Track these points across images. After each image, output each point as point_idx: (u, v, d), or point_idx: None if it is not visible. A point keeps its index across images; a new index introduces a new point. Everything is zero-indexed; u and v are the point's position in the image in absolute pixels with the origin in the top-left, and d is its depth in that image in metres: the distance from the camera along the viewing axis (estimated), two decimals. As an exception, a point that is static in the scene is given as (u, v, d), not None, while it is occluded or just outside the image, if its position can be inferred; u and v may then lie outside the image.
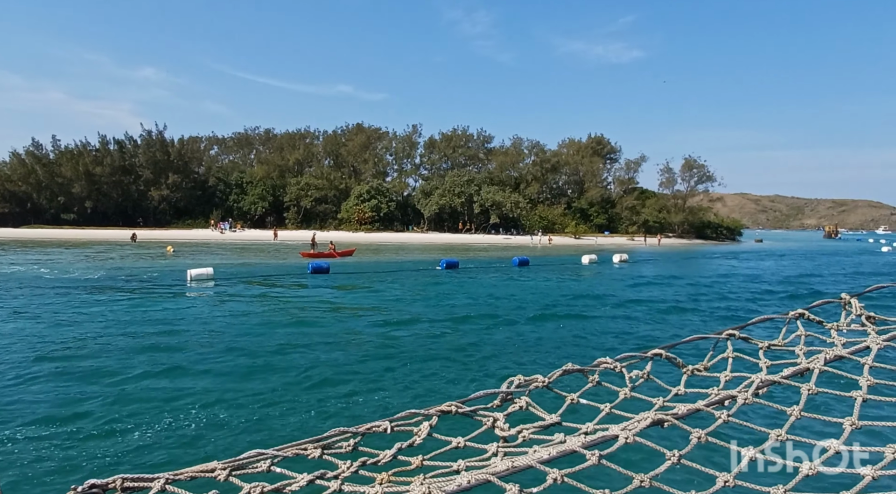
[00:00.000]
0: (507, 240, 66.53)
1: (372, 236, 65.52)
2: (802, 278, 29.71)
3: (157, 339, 11.50)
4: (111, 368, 9.26)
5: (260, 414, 7.31)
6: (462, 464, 1.20)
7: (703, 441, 1.23)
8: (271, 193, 74.03)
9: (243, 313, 15.04)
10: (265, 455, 1.15)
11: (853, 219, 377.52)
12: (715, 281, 26.71)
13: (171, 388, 8.29)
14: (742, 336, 1.71)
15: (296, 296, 18.10)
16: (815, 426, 1.59)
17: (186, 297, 17.64)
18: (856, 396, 1.35)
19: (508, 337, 12.49)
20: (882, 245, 73.43)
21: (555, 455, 1.17)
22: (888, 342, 1.54)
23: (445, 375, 9.34)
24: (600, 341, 12.49)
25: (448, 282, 23.32)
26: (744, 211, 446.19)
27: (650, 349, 1.64)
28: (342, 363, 9.92)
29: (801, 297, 21.63)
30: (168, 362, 9.69)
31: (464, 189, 70.37)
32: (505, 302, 17.78)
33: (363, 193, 71.68)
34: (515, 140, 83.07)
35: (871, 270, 38.77)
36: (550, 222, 75.06)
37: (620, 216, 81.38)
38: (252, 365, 9.63)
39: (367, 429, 1.27)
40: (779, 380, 1.45)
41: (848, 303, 1.80)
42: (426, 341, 11.88)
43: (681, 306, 18.06)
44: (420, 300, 17.81)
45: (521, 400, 1.46)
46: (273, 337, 11.85)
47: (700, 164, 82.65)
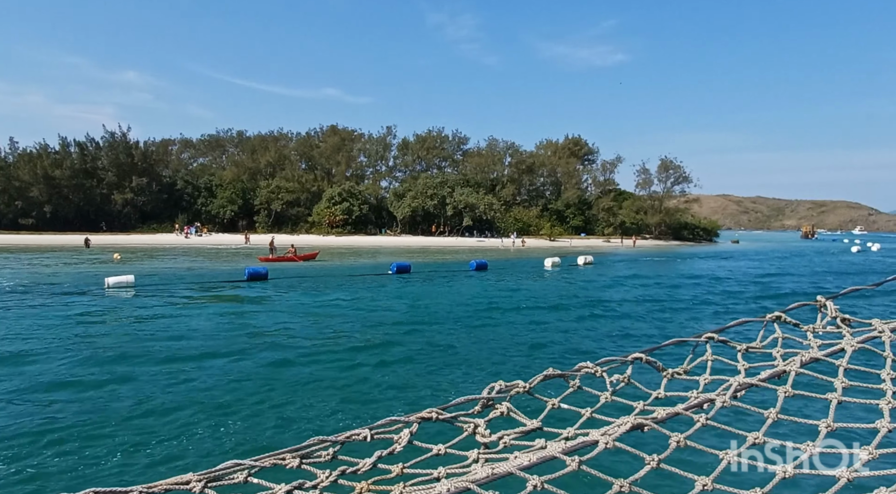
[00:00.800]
0: (481, 243, 65.55)
1: (342, 240, 64.16)
2: (769, 278, 29.06)
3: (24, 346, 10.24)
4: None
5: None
6: (443, 471, 1.20)
7: (683, 444, 1.24)
8: (241, 196, 72.28)
9: (140, 320, 13.79)
10: (242, 466, 1.14)
11: (832, 219, 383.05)
12: (679, 283, 25.94)
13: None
14: (721, 339, 1.72)
15: (211, 306, 16.84)
16: (792, 429, 1.47)
17: (92, 305, 16.30)
18: (831, 398, 1.37)
19: (430, 347, 11.42)
20: (854, 245, 73.65)
21: (535, 462, 1.17)
22: (862, 344, 1.57)
23: (343, 399, 8.22)
24: (535, 351, 11.53)
25: (394, 287, 22.20)
26: (726, 212, 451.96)
27: (631, 353, 1.64)
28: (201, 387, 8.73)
29: (764, 298, 20.90)
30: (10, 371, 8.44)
31: (436, 191, 69.26)
32: (445, 308, 16.75)
33: (334, 195, 70.24)
34: (491, 141, 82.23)
35: (839, 269, 38.42)
36: (526, 225, 74.20)
37: (597, 218, 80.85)
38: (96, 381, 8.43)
39: (346, 438, 1.26)
40: (756, 383, 1.46)
41: (823, 305, 1.83)
42: (334, 358, 10.74)
43: (632, 310, 17.19)
44: (350, 308, 16.66)
45: (503, 406, 1.45)
46: (152, 352, 10.64)
47: (676, 165, 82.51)
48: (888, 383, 1.41)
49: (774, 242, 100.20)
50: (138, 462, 5.95)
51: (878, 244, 77.64)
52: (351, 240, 64.16)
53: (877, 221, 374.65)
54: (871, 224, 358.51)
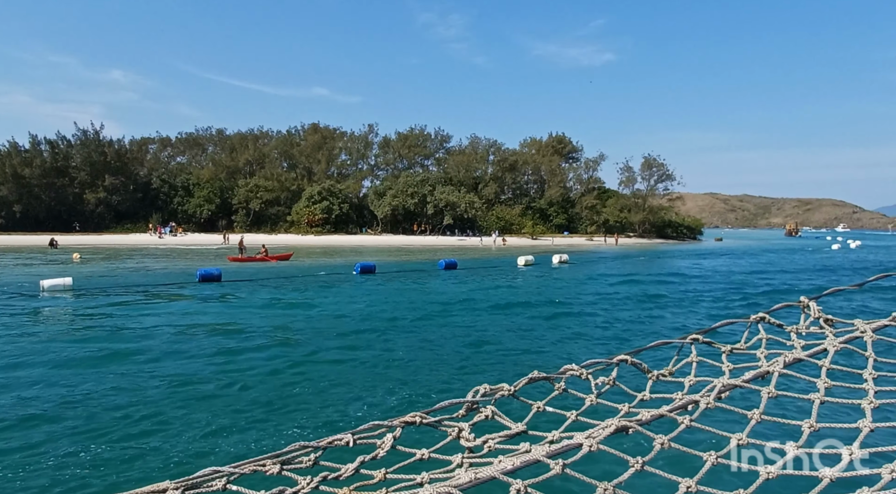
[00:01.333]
0: (462, 241, 64.83)
1: (321, 239, 63.16)
2: (745, 276, 28.51)
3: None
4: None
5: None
6: (426, 477, 1.19)
7: (667, 446, 1.23)
8: (219, 195, 71.02)
9: (59, 323, 12.89)
10: (221, 473, 1.12)
11: (818, 217, 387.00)
12: (653, 281, 25.37)
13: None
14: (706, 341, 1.74)
15: (149, 308, 15.93)
16: (776, 429, 1.39)
17: (16, 309, 15.34)
18: (813, 398, 1.38)
19: (371, 353, 10.64)
20: (835, 243, 73.82)
21: (519, 466, 1.16)
22: (844, 345, 1.59)
23: (263, 414, 7.40)
24: (483, 356, 10.78)
25: (353, 288, 21.39)
26: (713, 210, 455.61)
27: (616, 356, 1.65)
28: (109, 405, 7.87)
29: (737, 297, 20.35)
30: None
31: (417, 190, 68.42)
32: (403, 310, 16.04)
33: (314, 194, 69.20)
34: (473, 139, 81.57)
35: (817, 266, 38.15)
36: (508, 223, 73.59)
37: (580, 216, 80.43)
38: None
39: (328, 443, 1.26)
40: (740, 384, 1.48)
41: (807, 306, 1.85)
42: (260, 363, 9.92)
43: (599, 310, 16.55)
44: (299, 310, 15.85)
45: (487, 409, 1.45)
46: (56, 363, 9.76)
47: (660, 162, 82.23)
48: (870, 382, 1.41)
49: (758, 239, 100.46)
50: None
51: (858, 242, 77.92)
52: (330, 239, 63.17)
53: (861, 218, 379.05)
54: (855, 222, 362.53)
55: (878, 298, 19.28)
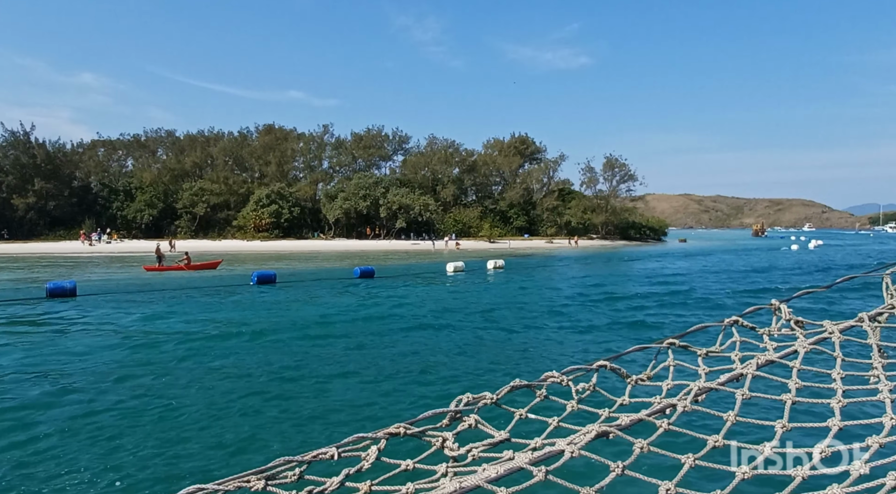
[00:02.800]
0: (415, 245, 62.55)
1: (267, 245, 60.25)
2: (685, 278, 26.61)
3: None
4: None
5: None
6: (411, 487, 1.20)
7: (646, 450, 1.26)
8: (162, 199, 67.59)
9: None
10: (205, 490, 1.12)
11: (788, 217, 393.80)
12: (590, 285, 23.36)
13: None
14: (682, 345, 1.76)
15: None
16: (750, 430, 1.46)
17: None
18: (785, 399, 1.41)
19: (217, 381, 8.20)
20: (794, 243, 73.31)
21: (503, 473, 1.19)
22: (814, 346, 1.64)
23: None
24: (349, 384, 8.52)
25: (238, 302, 18.85)
26: (688, 211, 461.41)
27: (595, 362, 1.67)
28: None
29: (669, 302, 18.42)
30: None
31: (369, 192, 65.90)
32: (285, 326, 13.87)
33: (262, 198, 66.23)
34: (430, 139, 79.31)
35: (770, 265, 36.77)
36: (466, 226, 71.52)
37: (542, 218, 78.74)
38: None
39: (313, 457, 1.25)
40: (715, 387, 1.51)
41: (778, 309, 1.89)
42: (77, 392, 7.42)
43: (513, 324, 14.43)
44: (154, 331, 13.32)
45: (471, 418, 1.46)
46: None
47: (622, 163, 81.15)
48: (838, 382, 1.45)
49: (723, 240, 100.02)
50: None
51: (819, 241, 77.68)
52: (276, 245, 60.30)
53: (829, 218, 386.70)
54: (824, 221, 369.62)
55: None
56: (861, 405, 1.42)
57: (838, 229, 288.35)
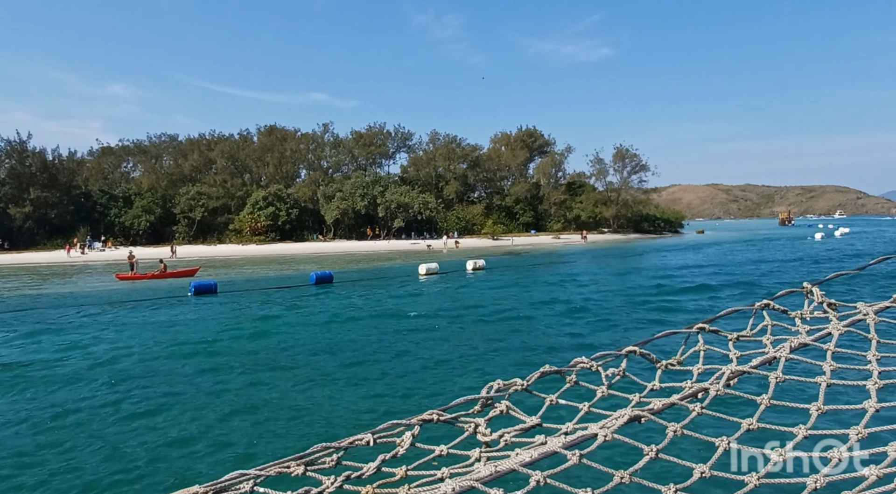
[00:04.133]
0: (415, 245, 60.33)
1: (262, 249, 58.76)
2: (669, 276, 23.83)
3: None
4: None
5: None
6: (446, 472, 1.21)
7: (679, 434, 1.25)
8: (160, 205, 66.78)
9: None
10: (247, 476, 1.14)
11: (821, 204, 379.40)
12: (566, 292, 20.87)
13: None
14: (712, 329, 1.74)
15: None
16: (785, 413, 1.37)
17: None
18: (820, 381, 1.40)
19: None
20: (823, 230, 68.70)
21: (536, 458, 1.19)
22: (848, 328, 1.60)
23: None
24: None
25: (158, 319, 16.94)
26: (715, 201, 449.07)
27: (625, 347, 1.66)
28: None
29: (650, 309, 15.95)
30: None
31: (367, 191, 63.89)
32: (189, 350, 12.02)
33: (259, 200, 64.80)
34: (432, 135, 76.88)
35: (788, 257, 33.47)
36: (470, 223, 69.01)
37: (549, 213, 75.66)
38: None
39: (349, 443, 1.27)
40: (748, 370, 1.49)
41: (810, 292, 1.85)
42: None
43: (467, 341, 12.29)
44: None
45: (502, 404, 1.45)
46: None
47: (633, 153, 77.55)
48: (874, 364, 1.44)
49: (743, 230, 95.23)
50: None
51: (845, 229, 72.90)
52: (272, 248, 58.77)
53: (865, 204, 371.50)
54: (859, 207, 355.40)
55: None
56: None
57: (874, 215, 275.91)
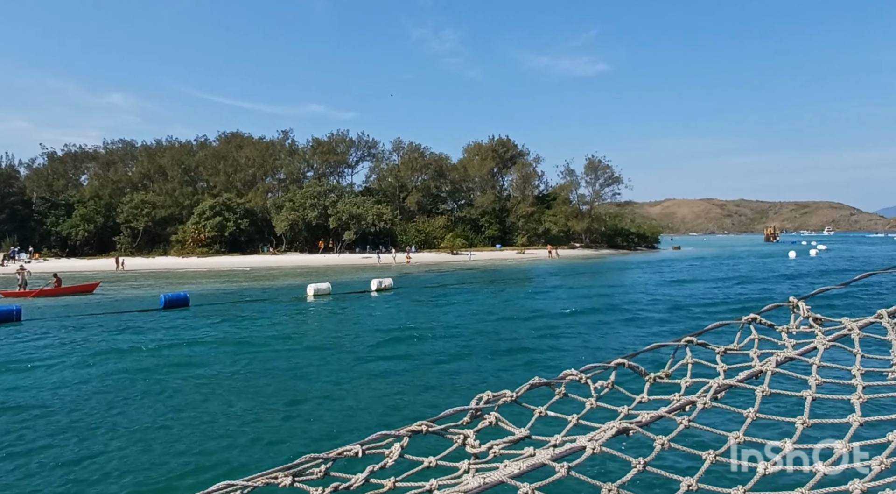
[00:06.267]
0: (366, 259, 56.71)
1: (204, 261, 55.03)
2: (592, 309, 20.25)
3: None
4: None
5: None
6: (434, 483, 1.21)
7: (667, 447, 1.26)
8: (103, 213, 63.14)
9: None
10: (234, 487, 1.13)
11: (815, 220, 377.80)
12: (473, 318, 17.37)
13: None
14: (700, 343, 1.74)
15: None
16: (771, 427, 1.50)
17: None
18: (806, 395, 1.41)
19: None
20: (799, 248, 65.34)
21: (525, 469, 1.19)
22: (833, 342, 1.62)
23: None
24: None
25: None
26: (709, 216, 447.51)
27: (613, 360, 1.66)
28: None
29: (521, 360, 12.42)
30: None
31: (318, 201, 60.35)
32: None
33: (206, 209, 61.18)
34: (396, 144, 73.58)
35: (731, 275, 29.95)
36: (430, 236, 65.47)
37: (517, 226, 72.16)
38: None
39: (338, 454, 1.26)
40: (735, 384, 1.50)
41: (796, 306, 1.88)
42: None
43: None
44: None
45: (491, 416, 1.46)
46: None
47: (605, 164, 74.28)
48: (858, 378, 1.44)
49: (725, 246, 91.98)
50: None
51: (823, 246, 69.73)
52: (213, 261, 55.03)
53: (858, 220, 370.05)
54: (852, 224, 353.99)
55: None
56: (882, 402, 1.39)
57: (866, 231, 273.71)
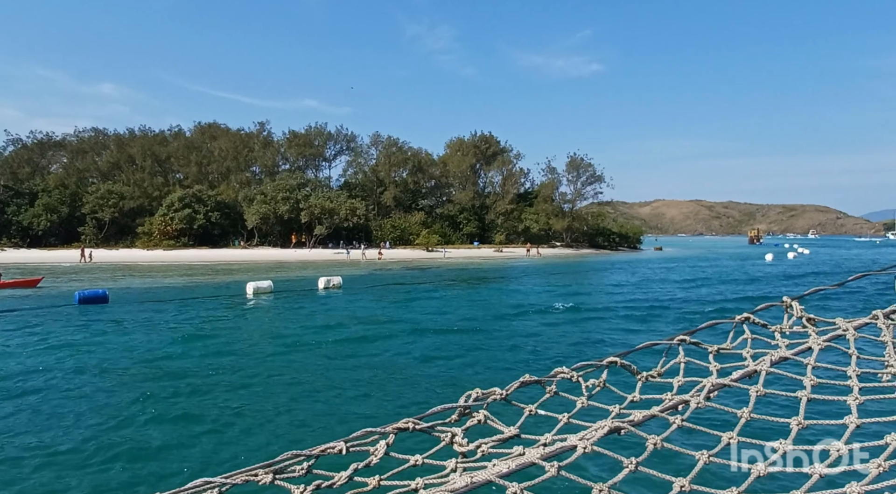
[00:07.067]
0: (337, 255, 55.29)
1: (169, 255, 53.37)
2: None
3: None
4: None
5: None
6: (420, 482, 1.18)
7: (659, 446, 1.25)
8: (68, 203, 61.13)
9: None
10: (212, 484, 1.09)
11: (801, 223, 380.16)
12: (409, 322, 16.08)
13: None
14: (693, 342, 1.73)
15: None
16: (765, 427, 1.37)
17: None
18: (801, 396, 1.39)
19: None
20: (776, 251, 64.72)
21: (514, 469, 1.17)
22: (828, 343, 1.61)
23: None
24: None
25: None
26: (698, 217, 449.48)
27: (606, 358, 1.64)
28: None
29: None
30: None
31: (290, 194, 58.76)
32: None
33: (175, 201, 59.38)
34: (374, 138, 72.08)
35: (696, 277, 28.92)
36: (406, 232, 64.09)
37: (496, 224, 70.96)
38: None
39: (321, 451, 1.23)
40: (728, 383, 1.49)
41: (790, 306, 1.86)
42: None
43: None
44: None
45: (480, 414, 1.43)
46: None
47: (587, 163, 73.19)
48: (854, 379, 1.43)
49: (707, 248, 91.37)
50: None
51: (802, 250, 69.32)
52: (178, 255, 53.36)
53: (844, 224, 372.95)
54: (838, 227, 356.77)
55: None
56: (878, 403, 1.37)
57: (851, 235, 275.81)
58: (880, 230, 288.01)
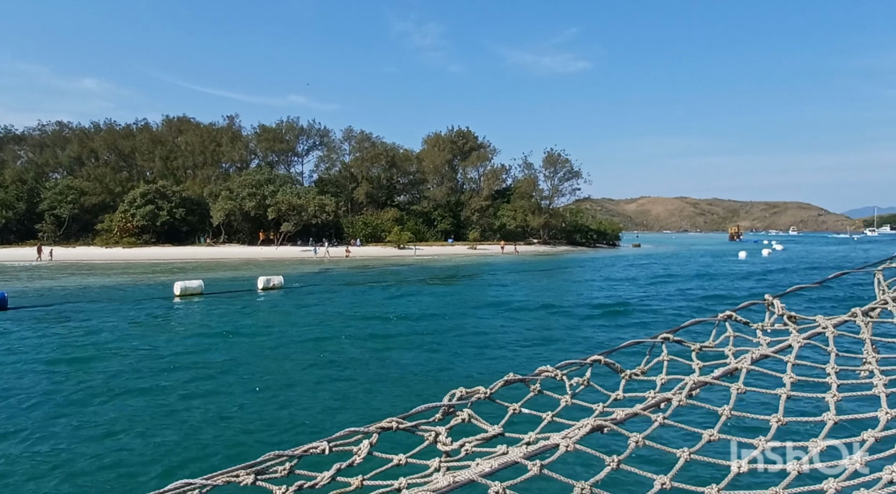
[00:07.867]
0: (305, 252, 53.68)
1: (129, 253, 51.39)
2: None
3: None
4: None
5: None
6: (403, 482, 1.19)
7: (641, 444, 1.25)
8: (25, 199, 58.85)
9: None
10: (193, 486, 1.09)
11: (784, 220, 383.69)
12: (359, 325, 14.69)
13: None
14: (676, 339, 1.74)
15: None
16: (746, 424, 1.41)
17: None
18: (780, 393, 1.40)
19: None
20: (749, 248, 64.22)
21: (497, 468, 1.17)
22: (808, 340, 1.62)
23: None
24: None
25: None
26: (683, 214, 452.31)
27: (590, 356, 1.64)
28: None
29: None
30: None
31: (256, 190, 56.99)
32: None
33: (137, 197, 57.30)
34: (346, 132, 70.38)
35: (658, 274, 27.92)
36: (377, 229, 62.59)
37: (471, 220, 69.68)
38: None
39: (303, 451, 1.22)
40: (710, 381, 1.50)
41: (771, 304, 1.87)
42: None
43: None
44: None
45: (464, 413, 1.44)
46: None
47: (564, 158, 72.10)
48: (832, 376, 1.45)
49: (685, 245, 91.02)
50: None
51: (778, 246, 69.04)
52: (136, 253, 51.39)
53: (826, 221, 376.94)
54: (820, 224, 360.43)
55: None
56: (856, 400, 1.38)
57: (832, 231, 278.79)
58: (860, 227, 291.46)
